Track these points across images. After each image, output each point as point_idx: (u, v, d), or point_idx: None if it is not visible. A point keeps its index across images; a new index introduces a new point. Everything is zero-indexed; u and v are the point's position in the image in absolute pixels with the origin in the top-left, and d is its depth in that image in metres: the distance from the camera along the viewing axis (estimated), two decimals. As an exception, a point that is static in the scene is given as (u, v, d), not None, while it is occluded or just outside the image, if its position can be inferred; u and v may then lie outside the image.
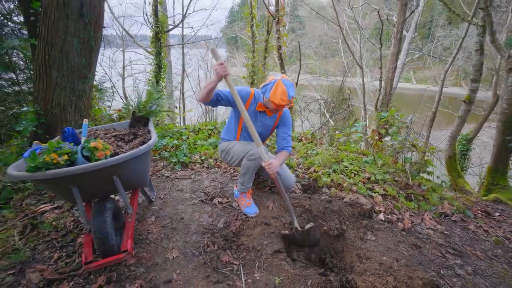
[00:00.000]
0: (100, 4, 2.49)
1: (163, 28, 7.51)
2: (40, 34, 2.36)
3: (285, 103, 1.61)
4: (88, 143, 1.22)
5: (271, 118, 1.86)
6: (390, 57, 9.01)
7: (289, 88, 1.62)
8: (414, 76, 31.89)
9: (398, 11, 8.65)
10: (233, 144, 1.88)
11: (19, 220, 1.92)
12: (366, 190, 2.20)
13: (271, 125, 1.89)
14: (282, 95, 1.59)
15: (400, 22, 8.56)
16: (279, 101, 1.59)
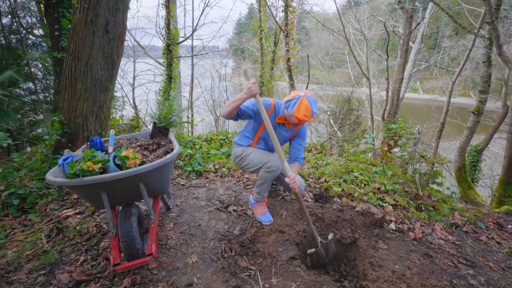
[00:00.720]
0: (124, 21, 2.66)
1: (174, 40, 7.80)
2: (68, 49, 2.53)
3: (307, 118, 1.68)
4: (119, 152, 1.33)
5: (288, 130, 1.92)
6: (397, 68, 9.10)
7: (312, 105, 1.69)
8: (421, 86, 31.82)
9: (404, 23, 8.80)
10: (249, 152, 1.93)
11: (44, 224, 2.02)
12: (376, 200, 2.24)
13: (287, 136, 1.96)
14: (305, 111, 1.65)
15: (406, 34, 8.69)
16: (302, 117, 1.66)
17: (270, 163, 1.81)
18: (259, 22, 6.74)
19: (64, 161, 1.43)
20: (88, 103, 2.63)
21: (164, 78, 7.89)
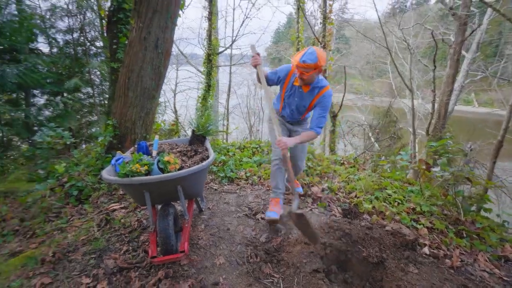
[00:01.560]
0: (171, 37, 2.96)
1: (214, 50, 8.25)
2: (124, 62, 2.88)
3: (296, 63, 1.71)
4: (163, 157, 1.50)
5: (308, 94, 1.92)
6: (446, 79, 8.42)
7: (306, 53, 1.70)
8: (476, 98, 28.79)
9: (456, 31, 8.14)
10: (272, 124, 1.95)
11: (96, 214, 2.31)
12: (410, 221, 2.13)
13: (307, 101, 1.95)
14: (297, 56, 1.72)
15: (458, 42, 8.02)
16: (295, 60, 1.73)
17: (273, 157, 2.00)
18: (297, 32, 6.84)
19: (116, 161, 1.65)
20: (137, 110, 2.95)
21: (203, 86, 8.37)
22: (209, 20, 7.75)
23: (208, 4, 7.66)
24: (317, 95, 1.90)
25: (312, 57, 1.68)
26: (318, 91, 1.90)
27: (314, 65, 1.68)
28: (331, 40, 5.53)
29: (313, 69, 1.71)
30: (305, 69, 1.71)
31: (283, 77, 1.97)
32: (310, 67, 1.69)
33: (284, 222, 1.97)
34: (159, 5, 2.64)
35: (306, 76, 1.74)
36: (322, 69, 1.79)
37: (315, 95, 1.91)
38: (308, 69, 1.71)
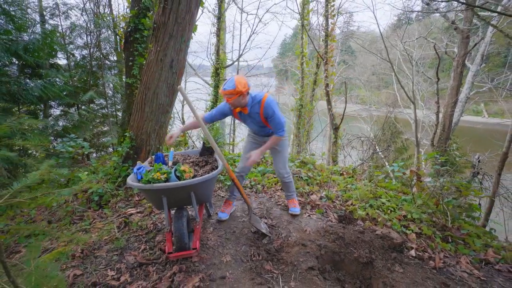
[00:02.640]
0: (185, 58, 3.28)
1: (222, 64, 8.66)
2: (141, 81, 3.20)
3: (220, 92, 1.92)
4: (179, 167, 1.76)
5: (253, 113, 2.11)
6: (450, 91, 8.59)
7: (226, 82, 1.93)
8: (485, 108, 28.56)
9: (459, 44, 8.36)
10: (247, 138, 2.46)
11: (115, 218, 2.57)
12: (400, 227, 2.32)
13: (258, 119, 2.14)
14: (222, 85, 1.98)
15: (461, 55, 8.23)
16: (220, 92, 1.95)
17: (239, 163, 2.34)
18: (301, 48, 7.18)
19: (138, 170, 1.92)
20: (152, 123, 3.25)
21: (211, 98, 8.74)
22: (217, 36, 8.19)
23: (217, 21, 8.12)
24: (260, 110, 2.08)
25: (231, 84, 1.90)
26: (258, 107, 2.07)
27: (232, 90, 1.89)
28: (332, 56, 5.83)
29: (234, 94, 1.91)
30: (227, 96, 1.92)
31: (228, 109, 2.18)
32: (230, 93, 1.90)
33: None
34: (175, 31, 2.98)
35: (231, 101, 1.96)
36: (244, 93, 1.96)
37: (258, 111, 2.09)
38: (230, 95, 1.92)
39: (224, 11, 8.47)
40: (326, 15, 5.63)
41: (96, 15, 7.11)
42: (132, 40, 4.69)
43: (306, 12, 6.68)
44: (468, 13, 8.10)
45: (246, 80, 2.00)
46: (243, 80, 1.96)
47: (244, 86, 1.93)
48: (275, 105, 2.08)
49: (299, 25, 7.66)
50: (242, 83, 1.93)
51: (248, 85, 1.99)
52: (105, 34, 7.10)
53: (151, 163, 2.35)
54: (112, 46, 7.26)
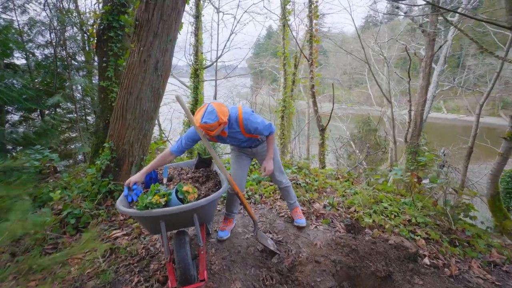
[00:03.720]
0: (170, 59, 2.99)
1: (201, 65, 8.33)
2: (122, 84, 2.86)
3: (199, 125, 1.63)
4: (181, 187, 1.52)
5: (233, 134, 1.87)
6: (420, 90, 9.04)
7: (205, 113, 1.62)
8: (444, 105, 30.93)
9: (426, 46, 8.84)
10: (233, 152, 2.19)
11: (98, 243, 2.23)
12: (408, 233, 2.27)
13: (240, 137, 1.91)
14: (197, 117, 1.63)
15: (428, 56, 8.69)
16: (197, 124, 1.65)
17: None
18: (282, 49, 7.09)
19: (132, 190, 1.65)
20: (135, 132, 2.92)
21: (190, 100, 8.36)
22: (195, 35, 7.84)
23: (195, 20, 7.78)
24: (240, 128, 1.83)
25: (212, 116, 1.60)
26: (237, 125, 1.82)
27: (216, 123, 1.61)
28: (317, 57, 5.81)
29: (217, 126, 1.65)
30: (209, 129, 1.65)
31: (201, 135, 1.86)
32: (213, 126, 1.63)
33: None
34: (160, 29, 2.69)
35: (213, 133, 1.68)
36: (226, 121, 1.70)
37: (239, 129, 1.84)
38: (212, 128, 1.64)
39: (201, 10, 8.15)
40: (310, 15, 5.60)
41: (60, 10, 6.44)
42: (105, 39, 4.24)
43: (288, 12, 6.61)
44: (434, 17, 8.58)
45: (225, 106, 1.73)
46: (224, 108, 1.70)
47: (225, 115, 1.68)
48: (252, 115, 1.85)
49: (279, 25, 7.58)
50: (223, 111, 1.67)
51: (227, 113, 1.73)
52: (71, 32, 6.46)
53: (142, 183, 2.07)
54: (79, 45, 6.63)
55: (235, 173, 2.12)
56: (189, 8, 8.25)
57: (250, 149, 2.13)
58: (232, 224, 2.33)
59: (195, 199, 1.54)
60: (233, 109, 1.84)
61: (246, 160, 2.18)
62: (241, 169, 2.15)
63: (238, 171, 2.13)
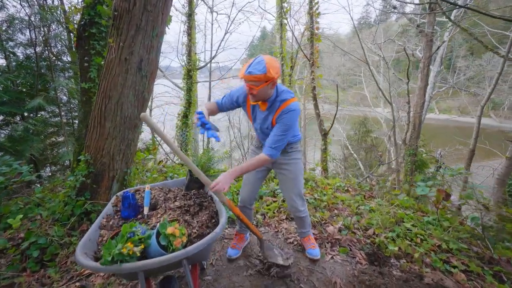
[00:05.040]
0: (157, 58, 2.58)
1: (194, 66, 7.90)
2: (99, 87, 2.43)
3: (241, 75, 1.42)
4: (164, 229, 1.11)
5: (268, 112, 1.59)
6: (418, 92, 8.82)
7: (252, 63, 1.39)
8: (437, 106, 31.18)
9: (424, 47, 8.63)
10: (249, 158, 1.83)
11: (65, 283, 1.80)
12: (442, 264, 1.90)
13: (269, 121, 1.61)
14: (243, 67, 1.43)
15: (426, 57, 8.48)
16: (240, 72, 1.44)
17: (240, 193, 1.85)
18: (280, 49, 6.73)
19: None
20: (116, 142, 2.49)
21: (183, 103, 7.93)
22: (188, 35, 7.42)
23: (187, 19, 7.36)
24: (278, 110, 1.55)
25: (260, 67, 1.36)
26: (279, 105, 1.55)
27: (263, 76, 1.36)
28: (318, 57, 5.46)
29: (264, 81, 1.39)
30: (253, 83, 1.40)
31: (242, 98, 1.65)
32: (259, 80, 1.38)
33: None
34: (143, 22, 2.27)
35: (256, 91, 1.42)
36: (275, 81, 1.47)
37: (275, 111, 1.56)
38: (257, 82, 1.39)
39: (194, 8, 7.73)
40: (310, 13, 5.25)
41: (42, 7, 5.94)
42: (87, 36, 3.79)
43: (285, 11, 6.25)
44: (431, 17, 8.38)
45: (278, 64, 1.45)
46: (276, 64, 1.42)
47: (277, 72, 1.40)
48: (296, 116, 1.55)
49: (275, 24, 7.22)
50: (274, 67, 1.39)
51: (280, 71, 1.46)
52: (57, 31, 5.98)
53: (116, 205, 1.65)
54: (64, 44, 6.14)
55: (247, 188, 1.85)
56: (182, 6, 7.84)
57: None
58: (245, 241, 2.06)
59: (183, 244, 1.13)
60: (289, 92, 1.60)
61: (262, 172, 1.86)
62: (254, 184, 1.85)
63: (250, 186, 1.85)
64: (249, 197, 1.88)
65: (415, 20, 11.60)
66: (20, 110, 5.14)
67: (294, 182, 1.79)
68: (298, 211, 1.84)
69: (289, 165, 1.77)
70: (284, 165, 1.78)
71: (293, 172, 1.78)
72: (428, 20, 8.58)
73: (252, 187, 1.86)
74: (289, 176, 1.78)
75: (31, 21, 5.35)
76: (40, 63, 5.56)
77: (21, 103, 5.14)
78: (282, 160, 1.76)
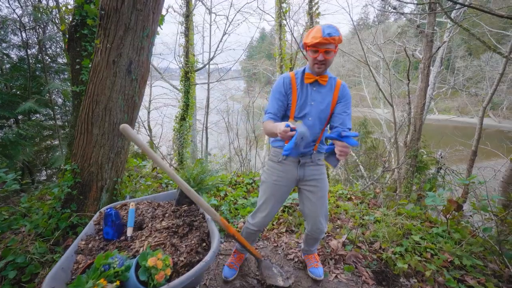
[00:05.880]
0: (148, 60, 2.42)
1: (192, 67, 7.75)
2: (86, 92, 2.28)
3: (318, 40, 1.28)
4: (145, 260, 0.95)
5: (328, 89, 1.44)
6: (418, 93, 8.71)
7: (325, 27, 1.31)
8: (435, 106, 31.18)
9: (424, 47, 8.52)
10: (270, 176, 1.57)
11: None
12: (456, 284, 1.75)
13: (328, 100, 1.43)
14: (315, 33, 1.31)
15: (426, 58, 8.37)
16: (311, 40, 1.30)
17: (257, 216, 1.63)
18: (279, 49, 6.59)
19: None
20: (105, 150, 2.34)
21: (181, 105, 7.78)
22: (186, 36, 7.28)
23: (185, 20, 7.21)
24: (336, 87, 1.44)
25: (335, 29, 1.30)
26: (335, 80, 1.46)
27: (339, 38, 1.31)
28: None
29: (337, 45, 1.34)
30: (331, 46, 1.31)
31: (288, 87, 1.44)
32: (338, 42, 1.32)
33: None
34: (133, 21, 2.12)
35: (331, 56, 1.35)
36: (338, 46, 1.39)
37: (334, 88, 1.45)
38: (334, 46, 1.33)
39: (192, 9, 7.59)
40: (310, 13, 5.10)
41: (35, 7, 5.80)
42: (78, 37, 3.64)
43: (284, 12, 6.11)
44: (431, 18, 8.27)
45: None
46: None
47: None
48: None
49: (274, 25, 7.08)
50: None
51: None
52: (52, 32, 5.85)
53: (98, 223, 1.49)
54: (60, 46, 6.00)
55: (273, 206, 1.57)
56: (179, 7, 7.69)
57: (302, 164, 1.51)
58: (243, 261, 1.91)
59: (167, 278, 0.97)
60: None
61: (290, 187, 1.58)
62: (281, 202, 1.60)
63: (276, 205, 1.58)
64: (270, 219, 1.62)
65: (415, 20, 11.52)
66: (11, 114, 5.00)
67: (322, 201, 1.56)
68: (322, 233, 1.63)
69: (319, 180, 1.53)
70: (314, 181, 1.53)
71: (323, 190, 1.55)
72: (428, 21, 8.49)
73: (278, 206, 1.60)
74: (318, 195, 1.54)
75: (22, 23, 5.21)
76: (35, 65, 5.42)
77: (14, 106, 5.01)
78: (312, 174, 1.53)
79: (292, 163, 1.51)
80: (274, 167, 1.55)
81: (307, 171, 1.52)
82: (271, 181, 1.55)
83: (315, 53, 1.33)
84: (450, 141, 15.40)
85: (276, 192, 1.55)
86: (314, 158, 1.51)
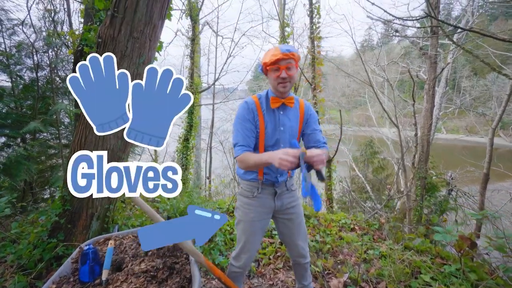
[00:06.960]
0: (144, 86, 2.41)
1: (197, 89, 7.88)
2: (80, 117, 2.26)
3: (278, 56, 1.26)
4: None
5: (293, 111, 1.41)
6: (424, 113, 8.64)
7: (282, 45, 1.33)
8: (444, 126, 30.83)
9: (428, 69, 8.55)
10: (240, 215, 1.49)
11: None
12: (475, 337, 1.54)
13: (296, 121, 1.41)
14: (273, 51, 1.30)
15: (431, 79, 8.38)
16: (270, 58, 1.28)
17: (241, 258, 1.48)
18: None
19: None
20: (96, 176, 2.27)
21: (184, 126, 7.81)
22: (191, 58, 7.47)
23: (191, 43, 7.44)
24: (300, 107, 1.44)
25: (292, 47, 1.33)
26: (298, 103, 1.46)
27: (298, 55, 1.33)
28: (320, 81, 5.33)
29: (295, 61, 1.33)
30: (288, 61, 1.29)
31: (255, 114, 1.36)
32: (297, 58, 1.33)
33: None
34: (129, 49, 2.13)
35: (294, 73, 1.32)
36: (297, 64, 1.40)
37: (299, 109, 1.44)
38: (294, 62, 1.32)
39: (198, 33, 7.84)
40: (312, 37, 5.20)
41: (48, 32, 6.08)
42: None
43: (287, 35, 6.24)
44: (434, 40, 8.36)
45: None
46: None
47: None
48: None
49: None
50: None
51: None
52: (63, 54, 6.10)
53: (76, 261, 1.39)
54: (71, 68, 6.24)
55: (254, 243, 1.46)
56: (186, 31, 7.97)
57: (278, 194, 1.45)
58: None
59: None
60: None
61: (267, 221, 1.51)
62: (260, 236, 1.51)
63: (257, 241, 1.48)
64: (252, 257, 1.52)
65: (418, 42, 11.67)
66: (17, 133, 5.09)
67: (300, 226, 1.53)
68: (305, 257, 1.56)
69: (296, 207, 1.51)
70: (292, 209, 1.50)
71: (300, 215, 1.53)
72: (431, 43, 8.58)
73: (260, 240, 1.52)
74: (296, 221, 1.51)
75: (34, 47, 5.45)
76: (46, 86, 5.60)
77: (22, 125, 5.11)
78: (289, 202, 1.49)
79: (268, 195, 1.45)
80: (249, 203, 1.45)
81: (285, 201, 1.48)
82: (249, 220, 1.44)
83: (276, 71, 1.31)
84: (460, 161, 14.99)
85: (257, 230, 1.46)
86: (288, 184, 1.49)
